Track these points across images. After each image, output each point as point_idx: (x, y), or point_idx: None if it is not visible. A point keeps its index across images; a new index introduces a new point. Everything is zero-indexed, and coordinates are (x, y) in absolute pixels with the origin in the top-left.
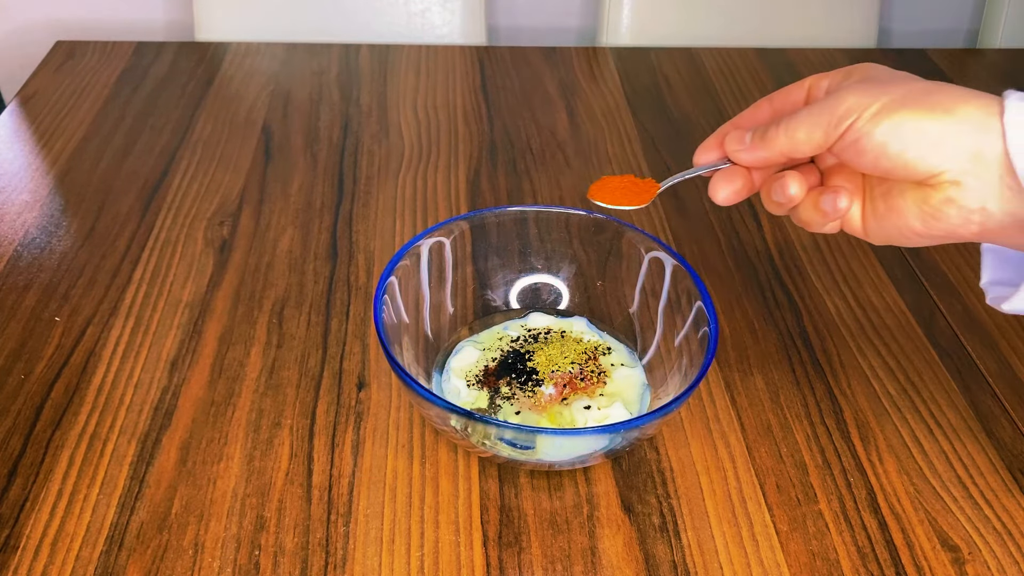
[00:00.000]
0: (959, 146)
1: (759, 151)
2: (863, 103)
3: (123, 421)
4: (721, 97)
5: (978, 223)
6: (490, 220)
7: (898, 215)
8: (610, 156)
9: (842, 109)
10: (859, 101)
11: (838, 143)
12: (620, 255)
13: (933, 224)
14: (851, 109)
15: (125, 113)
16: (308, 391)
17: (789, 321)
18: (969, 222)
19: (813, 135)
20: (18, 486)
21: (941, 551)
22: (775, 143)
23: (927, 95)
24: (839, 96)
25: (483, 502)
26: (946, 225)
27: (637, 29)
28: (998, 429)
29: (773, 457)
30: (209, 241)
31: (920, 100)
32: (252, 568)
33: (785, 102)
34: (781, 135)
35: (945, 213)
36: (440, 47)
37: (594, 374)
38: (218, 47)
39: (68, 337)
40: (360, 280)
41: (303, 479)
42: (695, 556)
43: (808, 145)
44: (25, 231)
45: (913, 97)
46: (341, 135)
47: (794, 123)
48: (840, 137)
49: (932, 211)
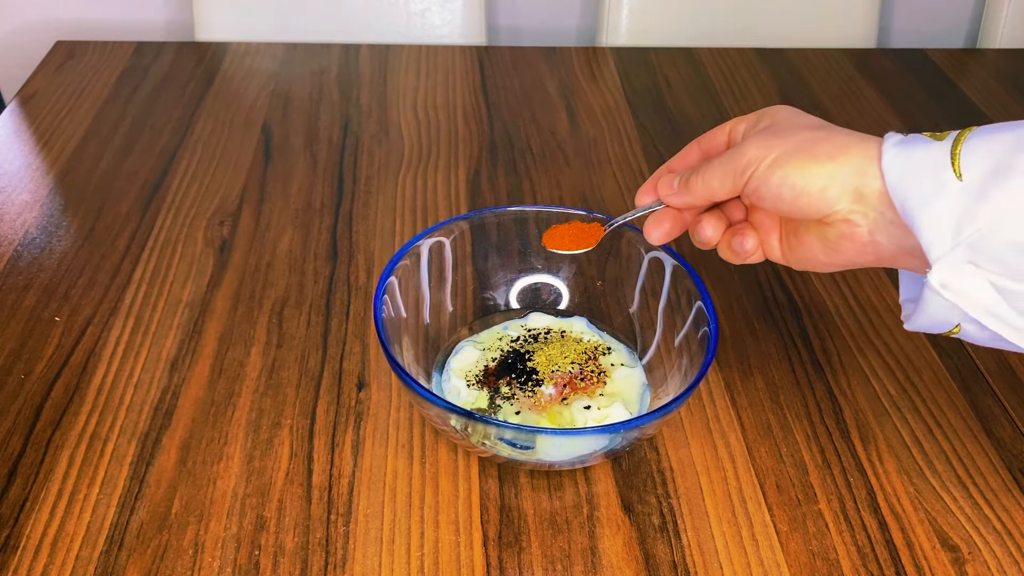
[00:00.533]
0: (843, 188)
1: (684, 196)
2: (760, 155)
3: (123, 421)
4: (721, 97)
5: (872, 253)
6: (490, 220)
7: (806, 248)
8: (610, 156)
9: (744, 161)
10: (757, 154)
11: (744, 189)
12: (620, 255)
13: (834, 255)
14: (751, 161)
15: (125, 113)
16: (308, 391)
17: (789, 321)
18: (864, 253)
19: (724, 183)
20: (18, 486)
21: (941, 551)
22: (695, 190)
23: (814, 144)
24: (742, 148)
25: (483, 502)
26: (845, 256)
27: (637, 29)
28: (998, 429)
29: (773, 457)
30: (209, 241)
31: (808, 150)
32: (252, 568)
33: (711, 145)
34: (699, 183)
35: (842, 246)
36: (440, 47)
37: (594, 374)
38: (218, 47)
39: (68, 337)
40: (360, 280)
41: (303, 479)
42: (695, 556)
43: (722, 191)
44: (25, 231)
45: (803, 147)
46: (341, 135)
47: (708, 173)
48: (745, 184)
49: (831, 244)
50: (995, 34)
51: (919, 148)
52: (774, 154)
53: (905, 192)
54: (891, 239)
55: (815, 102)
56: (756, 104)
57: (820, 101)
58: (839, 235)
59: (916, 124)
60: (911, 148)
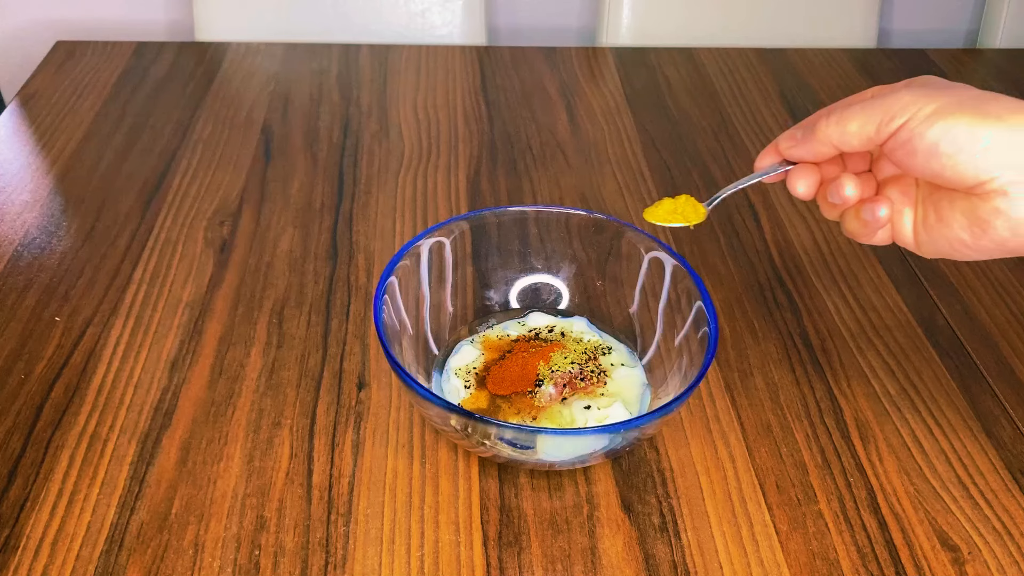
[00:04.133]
0: (1009, 155)
1: (809, 143)
2: (919, 103)
3: (123, 421)
4: (721, 97)
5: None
6: (490, 220)
7: (947, 226)
8: (610, 156)
9: (897, 107)
10: (915, 101)
11: (890, 141)
12: (620, 255)
13: (980, 235)
14: (906, 107)
15: (125, 113)
16: (308, 391)
17: (789, 321)
18: (1016, 235)
19: (865, 128)
20: (18, 486)
21: (941, 551)
22: (824, 134)
23: (983, 102)
24: (896, 95)
25: (483, 502)
26: (993, 237)
27: (637, 29)
28: (998, 429)
29: (773, 457)
30: (209, 241)
31: (975, 106)
32: (252, 568)
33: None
34: (832, 126)
35: (992, 224)
36: (440, 47)
37: (594, 374)
38: (218, 47)
39: (68, 337)
40: (360, 280)
41: (303, 479)
42: (695, 556)
43: (858, 138)
44: (25, 231)
45: (969, 103)
46: (341, 135)
47: (848, 115)
48: (892, 135)
49: (980, 222)
50: (995, 34)
51: None
52: (934, 104)
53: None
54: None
55: (815, 102)
56: (756, 104)
57: (820, 101)
58: (992, 210)
59: None
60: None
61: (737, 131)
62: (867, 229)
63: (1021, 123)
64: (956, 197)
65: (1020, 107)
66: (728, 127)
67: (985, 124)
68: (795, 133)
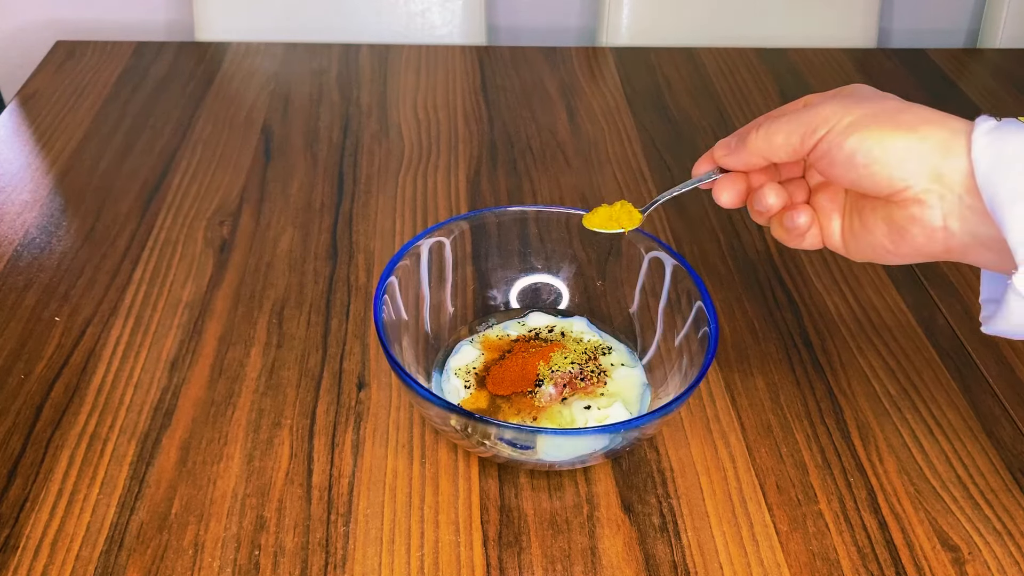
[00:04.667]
0: (921, 164)
1: (741, 153)
2: (837, 115)
3: (123, 421)
4: (721, 97)
5: (942, 241)
6: (490, 220)
7: (870, 232)
8: (610, 156)
9: (818, 120)
10: (835, 113)
11: (813, 152)
12: (620, 255)
13: (900, 241)
14: (826, 120)
15: (125, 113)
16: (308, 391)
17: (789, 321)
18: (933, 240)
19: (790, 140)
20: (18, 486)
21: (941, 551)
22: (753, 146)
23: (898, 113)
24: (818, 107)
25: (483, 502)
26: (912, 243)
27: (637, 29)
28: (998, 429)
29: (773, 457)
30: (209, 241)
31: (891, 118)
32: (252, 568)
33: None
34: (761, 138)
35: (910, 231)
36: (440, 47)
37: (594, 374)
38: (218, 47)
39: (68, 337)
40: (360, 280)
41: (303, 479)
42: (695, 556)
43: (784, 150)
44: (25, 231)
45: (885, 114)
46: (341, 135)
47: (774, 127)
48: (814, 146)
49: (898, 228)
50: (995, 34)
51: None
52: (852, 116)
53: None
54: (965, 226)
55: None
56: (756, 104)
57: None
58: (909, 217)
59: None
60: (1004, 136)
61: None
62: (790, 235)
63: (933, 133)
64: (877, 205)
65: (934, 117)
66: (728, 127)
67: (897, 135)
68: (729, 142)
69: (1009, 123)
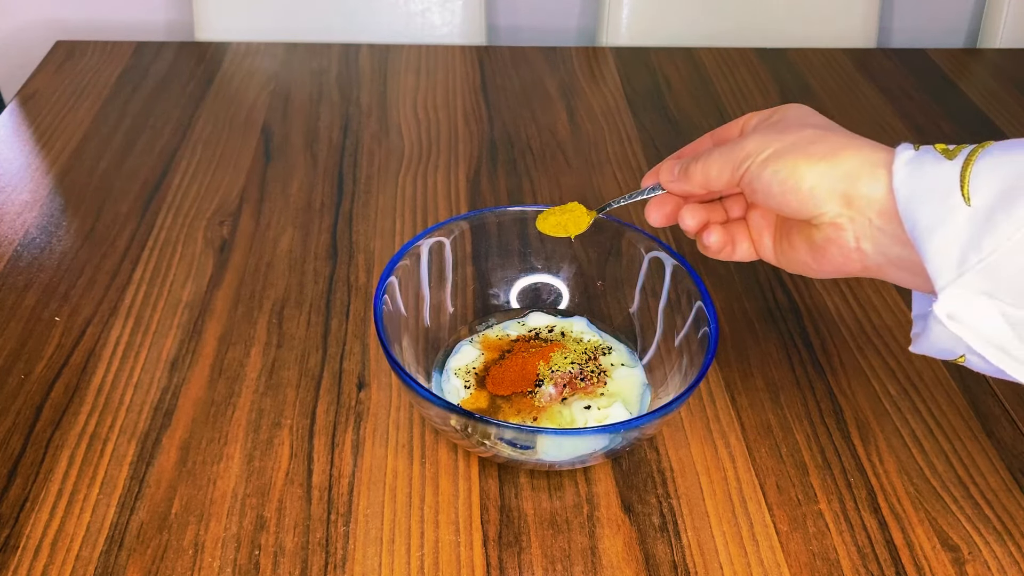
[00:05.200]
0: (831, 191)
1: (683, 183)
2: (757, 149)
3: (123, 421)
4: (721, 97)
5: (858, 260)
6: (490, 220)
7: (795, 250)
8: (610, 156)
9: (743, 153)
10: (755, 147)
11: (740, 182)
12: (620, 255)
13: (820, 260)
14: (749, 154)
15: (125, 113)
16: (308, 391)
17: (789, 321)
18: (849, 260)
19: (722, 174)
20: (18, 486)
21: (941, 551)
22: (694, 178)
23: (811, 143)
24: (743, 141)
25: (483, 502)
26: (831, 261)
27: (637, 29)
28: (998, 429)
29: (773, 457)
30: (209, 241)
31: (803, 148)
32: (252, 568)
33: (723, 138)
34: (699, 172)
35: (828, 251)
36: (440, 47)
37: (594, 374)
38: (218, 47)
39: (68, 337)
40: (360, 280)
41: (303, 479)
42: (695, 556)
43: (719, 182)
44: (25, 231)
45: (799, 145)
46: (341, 135)
47: (708, 162)
48: (741, 177)
49: (818, 248)
50: (995, 34)
51: (929, 167)
52: (770, 149)
53: (914, 215)
54: (877, 248)
55: (815, 102)
56: (756, 104)
57: (820, 101)
58: (825, 239)
59: (916, 124)
60: (922, 167)
61: None
62: (708, 252)
63: (844, 162)
64: (800, 226)
65: (849, 144)
66: None
67: (808, 164)
68: (673, 169)
69: (927, 152)
